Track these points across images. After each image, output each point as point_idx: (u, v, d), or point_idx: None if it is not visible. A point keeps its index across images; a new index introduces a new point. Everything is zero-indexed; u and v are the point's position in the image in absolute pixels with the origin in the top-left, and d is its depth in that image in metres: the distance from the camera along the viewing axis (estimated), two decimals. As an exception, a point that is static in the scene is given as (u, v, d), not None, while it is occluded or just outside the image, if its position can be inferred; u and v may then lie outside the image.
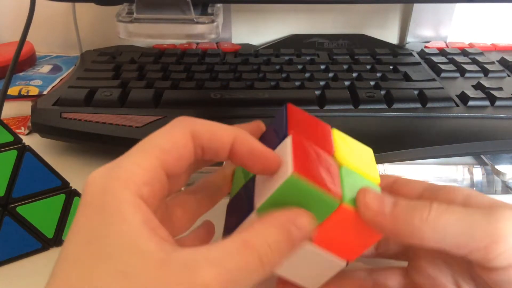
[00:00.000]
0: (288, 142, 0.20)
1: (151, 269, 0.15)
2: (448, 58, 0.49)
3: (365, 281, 0.24)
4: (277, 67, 0.47)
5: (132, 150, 0.19)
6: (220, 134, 0.20)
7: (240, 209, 0.21)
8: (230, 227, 0.22)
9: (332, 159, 0.22)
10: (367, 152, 0.24)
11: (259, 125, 0.23)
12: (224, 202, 0.24)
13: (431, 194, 0.22)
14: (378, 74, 0.45)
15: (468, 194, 0.21)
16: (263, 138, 0.23)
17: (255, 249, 0.17)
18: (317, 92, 0.41)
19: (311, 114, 0.24)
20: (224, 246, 0.17)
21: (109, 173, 0.18)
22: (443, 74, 0.45)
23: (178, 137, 0.19)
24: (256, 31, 0.59)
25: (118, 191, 0.17)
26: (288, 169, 0.19)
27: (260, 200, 0.20)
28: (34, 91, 0.48)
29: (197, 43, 0.55)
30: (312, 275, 0.22)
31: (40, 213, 0.28)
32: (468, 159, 0.39)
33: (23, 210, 0.28)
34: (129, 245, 0.16)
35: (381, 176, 0.24)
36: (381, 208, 0.19)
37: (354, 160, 0.22)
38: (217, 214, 0.24)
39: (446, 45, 0.54)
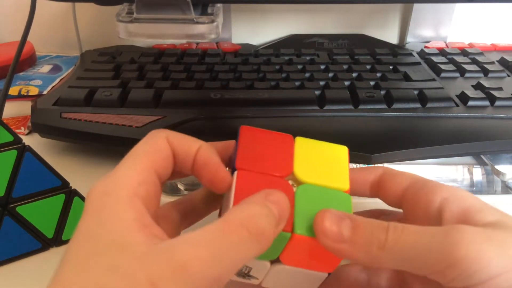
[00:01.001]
0: (235, 177, 0.21)
1: (134, 261, 0.16)
2: (448, 58, 0.49)
3: (360, 276, 0.24)
4: (277, 67, 0.47)
5: (123, 160, 0.20)
6: (188, 141, 0.22)
7: None
8: None
9: (287, 182, 0.21)
10: (339, 153, 0.24)
11: (231, 144, 0.24)
12: (213, 215, 0.24)
13: (413, 193, 0.22)
14: (378, 74, 0.45)
15: (445, 198, 0.21)
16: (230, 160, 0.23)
17: (239, 222, 0.18)
18: (317, 92, 0.41)
19: (271, 131, 0.24)
20: (205, 227, 0.17)
21: (107, 179, 0.19)
22: (443, 74, 0.45)
23: (158, 143, 0.21)
24: (256, 31, 0.59)
25: (114, 193, 0.18)
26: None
27: None
28: (34, 91, 0.48)
29: (197, 43, 0.55)
30: (297, 286, 0.23)
31: (40, 213, 0.28)
32: (468, 159, 0.39)
33: (23, 210, 0.28)
34: (119, 241, 0.17)
35: (370, 168, 0.24)
36: (339, 234, 0.19)
37: (318, 171, 0.22)
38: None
39: (446, 45, 0.54)
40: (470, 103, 0.40)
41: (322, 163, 0.23)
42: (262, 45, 0.57)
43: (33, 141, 0.40)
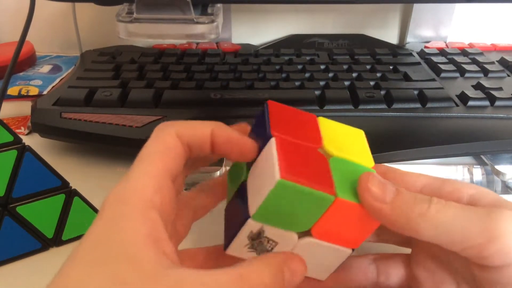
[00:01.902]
0: (272, 144, 0.20)
1: (143, 279, 0.16)
2: (448, 58, 0.49)
3: (369, 268, 0.24)
4: (277, 67, 0.47)
5: (136, 163, 0.20)
6: (199, 128, 0.21)
7: (236, 215, 0.22)
8: (229, 236, 0.22)
9: (320, 152, 0.21)
10: (358, 135, 0.24)
11: (244, 127, 0.24)
12: (222, 205, 0.24)
13: (431, 194, 0.22)
14: (378, 74, 0.45)
15: (472, 195, 0.21)
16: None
17: (249, 284, 0.17)
18: (317, 92, 0.41)
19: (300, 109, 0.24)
20: (219, 275, 0.17)
21: (124, 186, 0.18)
22: (443, 74, 0.45)
23: (167, 140, 0.20)
24: (256, 31, 0.59)
25: (131, 202, 0.18)
26: (275, 174, 0.19)
27: (253, 206, 0.20)
28: (34, 91, 0.48)
29: (197, 43, 0.55)
30: (320, 266, 0.22)
31: (40, 213, 0.28)
32: (468, 159, 0.39)
33: (23, 210, 0.28)
34: (128, 254, 0.16)
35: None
36: (382, 195, 0.19)
37: (344, 148, 0.22)
38: (215, 218, 0.24)
39: (446, 45, 0.54)
40: (470, 103, 0.40)
41: (346, 141, 0.23)
42: (262, 45, 0.57)
43: (33, 141, 0.40)
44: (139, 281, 0.16)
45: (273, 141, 0.20)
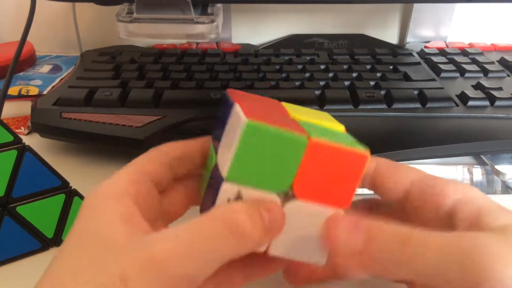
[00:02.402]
0: (236, 108, 0.20)
1: (111, 254, 0.16)
2: (448, 58, 0.49)
3: None
4: (277, 67, 0.47)
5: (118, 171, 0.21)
6: (185, 145, 0.23)
7: (213, 186, 0.21)
8: (205, 207, 0.21)
9: (289, 116, 0.21)
10: (325, 115, 0.24)
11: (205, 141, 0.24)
12: None
13: (419, 193, 0.21)
14: (378, 74, 0.45)
15: (456, 200, 0.20)
16: (214, 134, 0.23)
17: (217, 216, 0.17)
18: (317, 92, 0.41)
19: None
20: (186, 223, 0.17)
21: (100, 184, 0.20)
22: (443, 74, 0.45)
23: (151, 153, 0.22)
24: (256, 31, 0.59)
25: (104, 193, 0.19)
26: (242, 120, 0.18)
27: (225, 166, 0.19)
28: (34, 91, 0.48)
29: (197, 43, 0.55)
30: (313, 244, 0.20)
31: (40, 213, 0.28)
32: (468, 159, 0.39)
33: (23, 210, 0.28)
34: (103, 235, 0.17)
35: None
36: (353, 244, 0.18)
37: (312, 118, 0.22)
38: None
39: (446, 45, 0.54)
40: (470, 103, 0.40)
41: (313, 116, 0.23)
42: (262, 45, 0.57)
43: (33, 141, 0.40)
44: (109, 256, 0.16)
45: (236, 105, 0.20)
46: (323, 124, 0.22)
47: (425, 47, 0.54)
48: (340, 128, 0.22)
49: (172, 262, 0.16)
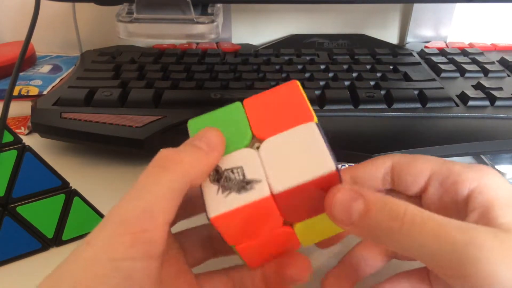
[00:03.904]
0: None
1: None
2: (448, 58, 0.49)
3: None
4: (277, 67, 0.47)
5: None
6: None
7: None
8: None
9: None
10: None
11: None
12: None
13: (438, 184, 0.21)
14: (378, 74, 0.45)
15: (472, 190, 0.20)
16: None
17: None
18: (317, 92, 0.41)
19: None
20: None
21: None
22: (443, 74, 0.45)
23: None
24: (256, 31, 0.59)
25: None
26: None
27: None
28: (34, 91, 0.48)
29: (197, 43, 0.55)
30: (310, 158, 0.20)
31: (40, 213, 0.28)
32: (468, 159, 0.39)
33: (23, 210, 0.28)
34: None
35: (376, 162, 0.23)
36: (347, 217, 0.19)
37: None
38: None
39: (446, 45, 0.54)
40: (470, 103, 0.40)
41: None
42: (262, 45, 0.57)
43: (33, 141, 0.40)
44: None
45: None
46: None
47: (425, 47, 0.54)
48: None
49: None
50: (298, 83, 0.22)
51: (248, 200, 0.19)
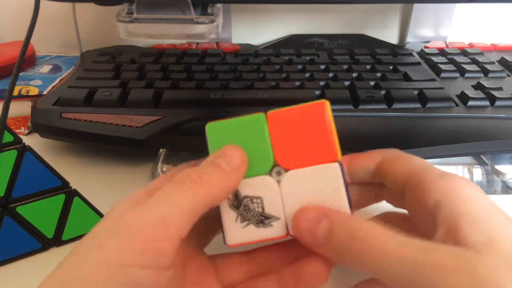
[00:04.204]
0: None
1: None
2: (448, 58, 0.49)
3: None
4: (277, 67, 0.47)
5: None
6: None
7: None
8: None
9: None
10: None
11: None
12: None
13: (411, 189, 0.21)
14: (378, 74, 0.45)
15: (438, 201, 0.19)
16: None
17: (182, 175, 0.19)
18: (317, 92, 0.41)
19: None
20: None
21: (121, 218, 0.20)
22: (443, 74, 0.45)
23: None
24: (256, 31, 0.59)
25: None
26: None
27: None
28: (34, 91, 0.48)
29: (197, 43, 0.55)
30: (326, 197, 0.21)
31: (40, 213, 0.28)
32: (468, 159, 0.39)
33: (23, 210, 0.28)
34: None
35: (368, 156, 0.23)
36: (313, 237, 0.19)
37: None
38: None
39: (446, 45, 0.54)
40: (470, 103, 0.40)
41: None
42: (262, 45, 0.57)
43: (33, 141, 0.40)
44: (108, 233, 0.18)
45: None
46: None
47: (425, 47, 0.54)
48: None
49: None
50: (328, 104, 0.21)
51: (266, 236, 0.21)
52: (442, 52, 0.51)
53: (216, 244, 0.24)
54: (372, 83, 0.42)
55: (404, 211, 0.23)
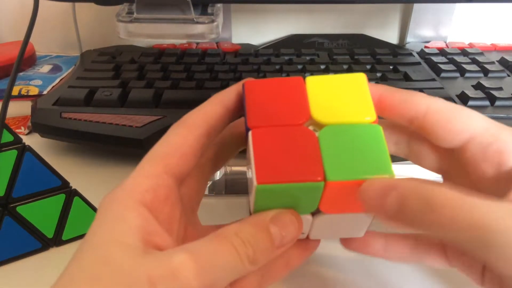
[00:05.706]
0: (250, 139, 0.20)
1: (130, 256, 0.17)
2: (448, 58, 0.49)
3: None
4: (277, 67, 0.47)
5: (140, 163, 0.20)
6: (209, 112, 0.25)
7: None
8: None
9: (306, 128, 0.20)
10: (357, 81, 0.22)
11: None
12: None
13: (479, 149, 0.20)
14: (378, 74, 0.45)
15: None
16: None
17: (226, 239, 0.18)
18: (317, 92, 0.41)
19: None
20: (200, 239, 0.18)
21: (117, 188, 0.19)
22: (443, 74, 0.45)
23: (174, 141, 0.21)
24: (256, 31, 0.59)
25: (120, 199, 0.19)
26: (254, 179, 0.18)
27: (251, 204, 0.20)
28: (34, 91, 0.48)
29: (197, 43, 0.55)
30: (349, 230, 0.22)
31: (40, 213, 0.28)
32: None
33: (23, 210, 0.28)
34: (116, 239, 0.17)
35: (410, 98, 0.22)
36: (385, 210, 0.18)
37: (338, 109, 0.20)
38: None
39: (446, 45, 0.54)
40: (470, 103, 0.40)
41: (341, 98, 0.21)
42: (262, 45, 0.57)
43: (33, 141, 0.40)
44: (128, 258, 0.17)
45: (250, 135, 0.20)
46: (351, 117, 0.20)
47: (425, 47, 0.54)
48: (370, 114, 0.20)
49: (190, 275, 0.17)
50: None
51: None
52: (442, 52, 0.51)
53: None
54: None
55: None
